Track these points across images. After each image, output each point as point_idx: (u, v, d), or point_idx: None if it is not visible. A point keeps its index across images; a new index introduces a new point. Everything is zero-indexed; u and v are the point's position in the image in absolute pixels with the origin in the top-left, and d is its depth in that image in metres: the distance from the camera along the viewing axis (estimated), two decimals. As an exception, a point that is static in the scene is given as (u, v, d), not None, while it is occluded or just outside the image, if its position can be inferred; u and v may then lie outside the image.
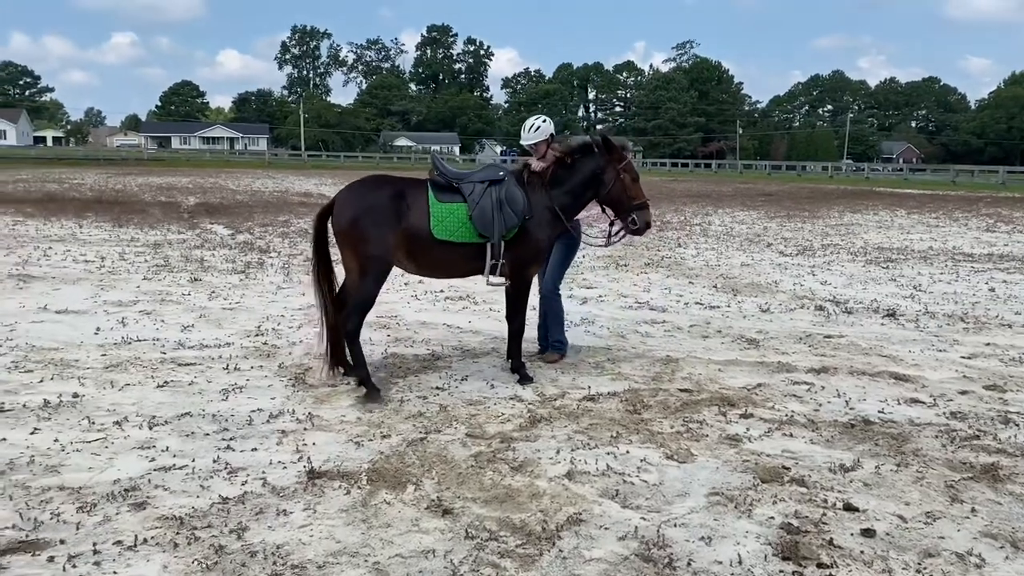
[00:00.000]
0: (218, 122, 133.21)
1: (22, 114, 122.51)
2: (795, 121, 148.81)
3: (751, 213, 25.56)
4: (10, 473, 4.55)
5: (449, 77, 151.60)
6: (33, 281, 10.46)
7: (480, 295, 10.24)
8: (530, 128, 6.91)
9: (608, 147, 6.67)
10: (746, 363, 7.30)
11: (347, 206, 6.09)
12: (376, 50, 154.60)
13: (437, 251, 6.22)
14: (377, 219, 6.01)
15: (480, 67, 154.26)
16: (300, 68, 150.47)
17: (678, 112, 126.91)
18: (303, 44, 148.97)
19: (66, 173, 43.14)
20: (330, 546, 3.83)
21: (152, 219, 19.13)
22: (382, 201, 6.07)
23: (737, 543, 3.95)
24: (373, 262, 6.05)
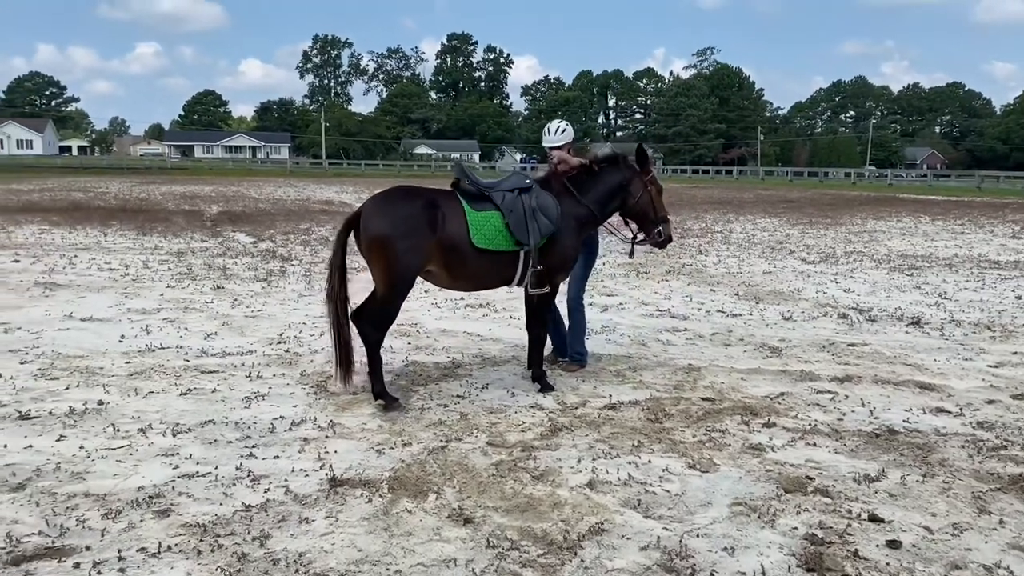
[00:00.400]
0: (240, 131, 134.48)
1: (48, 124, 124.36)
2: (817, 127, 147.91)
3: (773, 220, 25.42)
4: (36, 480, 4.60)
5: (469, 85, 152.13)
6: (59, 289, 10.58)
7: (500, 303, 10.24)
8: (555, 131, 6.88)
9: (641, 159, 6.76)
10: (769, 372, 7.25)
11: (378, 217, 5.87)
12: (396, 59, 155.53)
13: (475, 261, 6.10)
14: (411, 230, 5.83)
15: (500, 75, 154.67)
16: (321, 77, 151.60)
17: (699, 119, 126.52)
18: (324, 53, 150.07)
19: (91, 182, 43.68)
20: (352, 554, 3.84)
21: (176, 227, 19.32)
22: (416, 211, 5.89)
23: (760, 554, 3.91)
24: (403, 274, 5.91)
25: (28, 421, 5.55)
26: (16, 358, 7.11)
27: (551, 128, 6.92)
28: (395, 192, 6.13)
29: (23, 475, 4.65)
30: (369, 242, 5.86)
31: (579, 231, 6.63)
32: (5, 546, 3.83)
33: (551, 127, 6.93)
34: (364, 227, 5.88)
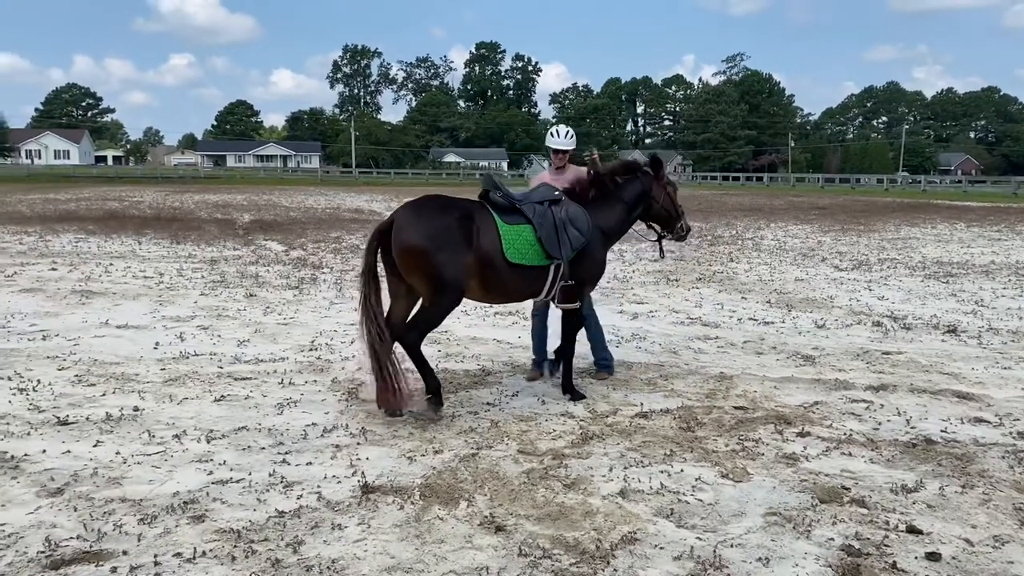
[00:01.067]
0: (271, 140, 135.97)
1: (84, 134, 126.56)
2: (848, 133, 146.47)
3: (804, 227, 25.18)
4: (74, 484, 4.67)
5: (497, 93, 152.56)
6: (95, 297, 10.75)
7: (528, 309, 10.21)
8: (565, 134, 6.87)
9: (656, 167, 6.86)
10: (802, 380, 7.17)
11: (412, 227, 5.73)
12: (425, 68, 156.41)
13: (508, 275, 6.00)
14: (448, 243, 5.71)
15: (528, 83, 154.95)
16: (351, 86, 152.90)
17: (728, 125, 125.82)
18: (354, 63, 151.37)
19: (126, 191, 44.40)
20: (384, 561, 3.85)
21: (208, 236, 19.55)
22: (451, 224, 5.77)
23: (796, 564, 3.86)
24: (448, 287, 5.77)
25: (66, 427, 5.64)
26: (54, 364, 7.24)
27: (560, 131, 6.89)
28: (428, 203, 5.97)
29: (61, 480, 4.72)
30: (403, 252, 5.73)
31: (606, 243, 6.66)
32: (44, 550, 3.89)
33: (560, 130, 6.90)
34: (398, 237, 5.75)
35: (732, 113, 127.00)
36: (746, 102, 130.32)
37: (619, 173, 6.75)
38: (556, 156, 6.92)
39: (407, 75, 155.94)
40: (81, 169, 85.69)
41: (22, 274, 12.65)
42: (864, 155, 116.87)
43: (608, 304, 10.94)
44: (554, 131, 6.91)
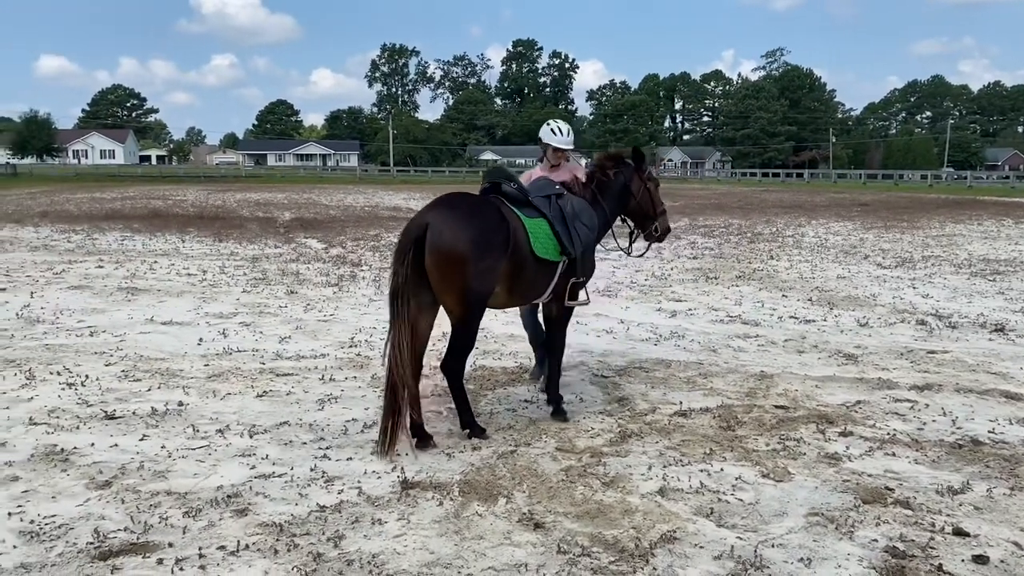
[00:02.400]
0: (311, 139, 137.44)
1: (129, 134, 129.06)
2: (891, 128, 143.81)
3: (846, 224, 24.80)
4: (122, 477, 4.77)
5: (534, 91, 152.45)
6: (140, 294, 10.96)
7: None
8: (567, 132, 6.54)
9: (637, 159, 6.46)
10: (844, 379, 7.07)
11: (452, 232, 5.07)
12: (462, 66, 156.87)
13: (534, 274, 5.61)
14: (491, 248, 5.19)
15: (565, 80, 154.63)
16: (389, 85, 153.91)
17: (768, 121, 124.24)
18: (392, 62, 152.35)
19: (169, 190, 45.18)
20: (424, 557, 3.88)
21: (250, 234, 19.82)
22: (493, 226, 5.27)
23: (838, 566, 3.82)
24: (479, 297, 5.26)
25: (113, 421, 5.77)
26: (101, 360, 7.39)
27: (562, 129, 6.52)
28: (461, 203, 5.36)
29: (109, 473, 4.83)
30: (444, 261, 5.05)
31: (598, 239, 6.31)
32: (93, 541, 3.98)
33: (561, 127, 6.54)
34: (437, 243, 5.05)
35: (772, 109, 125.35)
36: (786, 97, 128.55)
37: (609, 166, 6.38)
38: (556, 155, 6.57)
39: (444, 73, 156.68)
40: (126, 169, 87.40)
41: (70, 271, 12.94)
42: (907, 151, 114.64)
43: (646, 302, 10.89)
44: (556, 128, 6.53)
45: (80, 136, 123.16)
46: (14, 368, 7.06)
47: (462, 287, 5.13)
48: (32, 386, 6.56)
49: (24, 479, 4.74)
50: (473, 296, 5.20)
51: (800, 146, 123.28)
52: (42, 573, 3.68)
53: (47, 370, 7.02)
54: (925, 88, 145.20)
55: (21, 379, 6.73)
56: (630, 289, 11.96)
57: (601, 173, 6.35)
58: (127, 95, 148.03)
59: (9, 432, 5.50)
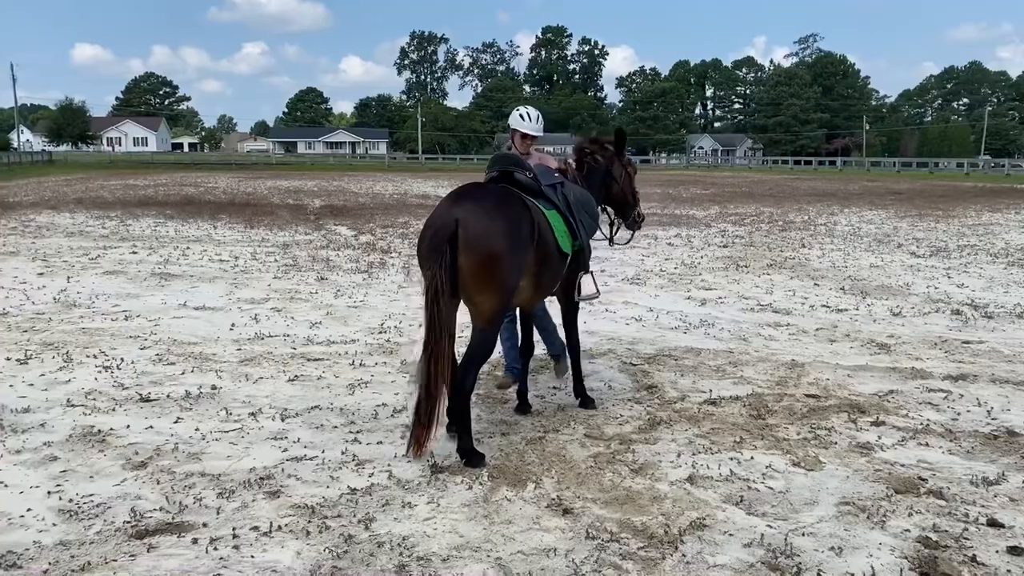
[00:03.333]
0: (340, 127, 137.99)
1: (162, 122, 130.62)
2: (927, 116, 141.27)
3: (879, 212, 24.46)
4: (157, 459, 4.85)
5: (563, 78, 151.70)
6: (173, 279, 11.11)
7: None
8: (536, 119, 6.09)
9: (619, 142, 6.25)
10: (877, 369, 6.99)
11: (491, 228, 4.67)
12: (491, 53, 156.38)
13: (557, 268, 5.33)
14: (523, 241, 4.85)
15: (594, 67, 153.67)
16: (418, 73, 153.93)
17: (800, 108, 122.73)
18: (421, 49, 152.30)
19: (201, 177, 45.64)
20: (453, 540, 3.91)
21: (281, 221, 19.99)
22: (523, 217, 4.91)
23: (870, 555, 3.79)
24: (509, 297, 4.89)
25: (148, 403, 5.86)
26: (136, 344, 7.51)
27: (531, 115, 6.08)
28: (487, 194, 4.96)
29: (145, 454, 4.91)
30: (481, 259, 4.62)
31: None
32: (130, 520, 4.06)
33: (531, 113, 6.09)
34: (472, 241, 4.61)
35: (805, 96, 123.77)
36: (819, 84, 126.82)
37: (595, 151, 6.17)
38: (523, 141, 6.13)
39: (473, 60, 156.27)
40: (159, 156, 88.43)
41: (105, 257, 13.14)
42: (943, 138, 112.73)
43: (676, 290, 10.84)
44: (524, 114, 6.10)
45: (114, 124, 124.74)
46: (52, 351, 7.20)
47: (498, 285, 4.72)
48: (69, 369, 6.68)
49: (62, 459, 4.84)
50: (507, 295, 4.82)
51: (833, 134, 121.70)
52: (81, 550, 3.76)
53: (84, 353, 7.15)
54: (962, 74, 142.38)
55: (59, 361, 6.87)
56: (659, 277, 11.90)
57: (590, 159, 6.17)
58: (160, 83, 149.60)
59: (48, 413, 5.61)
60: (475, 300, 4.76)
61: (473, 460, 4.80)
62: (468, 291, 4.72)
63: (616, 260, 13.59)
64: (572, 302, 5.86)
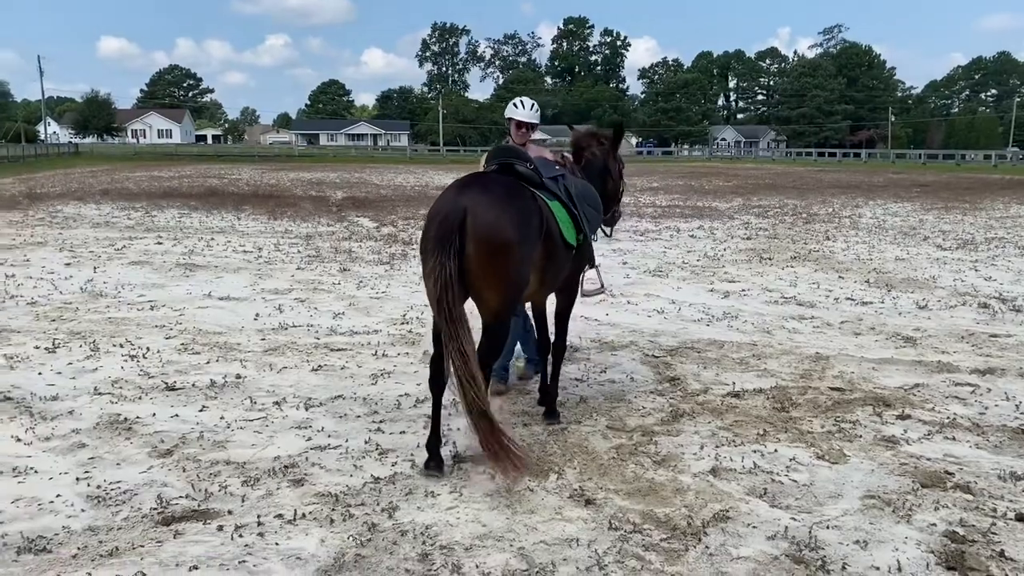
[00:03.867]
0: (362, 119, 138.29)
1: (186, 114, 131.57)
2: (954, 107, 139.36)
3: (905, 205, 24.19)
4: (183, 447, 4.90)
5: (585, 69, 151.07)
6: (198, 270, 11.20)
7: (616, 287, 10.18)
8: (531, 107, 5.96)
9: (618, 136, 6.10)
10: (902, 362, 6.92)
11: (500, 217, 4.45)
12: (513, 44, 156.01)
13: (561, 260, 5.10)
14: (533, 231, 4.66)
15: (616, 58, 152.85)
16: (440, 65, 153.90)
17: (825, 100, 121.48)
18: (443, 41, 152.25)
19: (225, 169, 45.97)
20: (476, 529, 3.92)
21: (304, 212, 20.09)
22: (531, 207, 4.72)
23: (896, 549, 3.76)
24: (522, 288, 4.71)
25: (174, 392, 5.92)
26: (162, 333, 7.59)
27: (525, 103, 5.96)
28: (495, 183, 4.75)
29: (170, 442, 4.97)
30: (490, 250, 4.41)
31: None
32: (156, 507, 4.11)
33: (525, 101, 5.98)
34: (482, 230, 4.40)
35: (829, 87, 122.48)
36: (844, 75, 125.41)
37: (594, 144, 6.02)
38: (518, 131, 5.98)
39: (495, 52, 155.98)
40: (183, 147, 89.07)
41: (130, 247, 13.27)
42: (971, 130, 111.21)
43: (698, 282, 10.79)
44: (518, 102, 5.99)
45: (139, 116, 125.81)
46: (79, 340, 7.28)
47: (508, 277, 4.50)
48: (96, 357, 6.76)
49: (90, 446, 4.90)
50: (516, 288, 4.60)
51: (857, 125, 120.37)
52: (109, 536, 3.81)
53: (110, 342, 7.23)
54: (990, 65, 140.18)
55: (86, 350, 6.95)
56: (681, 269, 11.85)
57: (588, 153, 6.01)
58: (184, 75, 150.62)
59: (76, 401, 5.68)
60: (483, 294, 4.54)
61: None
62: (476, 284, 4.50)
63: (638, 252, 13.55)
64: (571, 299, 5.65)
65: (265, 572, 3.52)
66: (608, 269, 11.69)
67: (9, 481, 4.40)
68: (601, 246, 13.96)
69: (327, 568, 3.55)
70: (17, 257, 12.12)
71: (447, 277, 4.33)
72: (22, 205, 20.84)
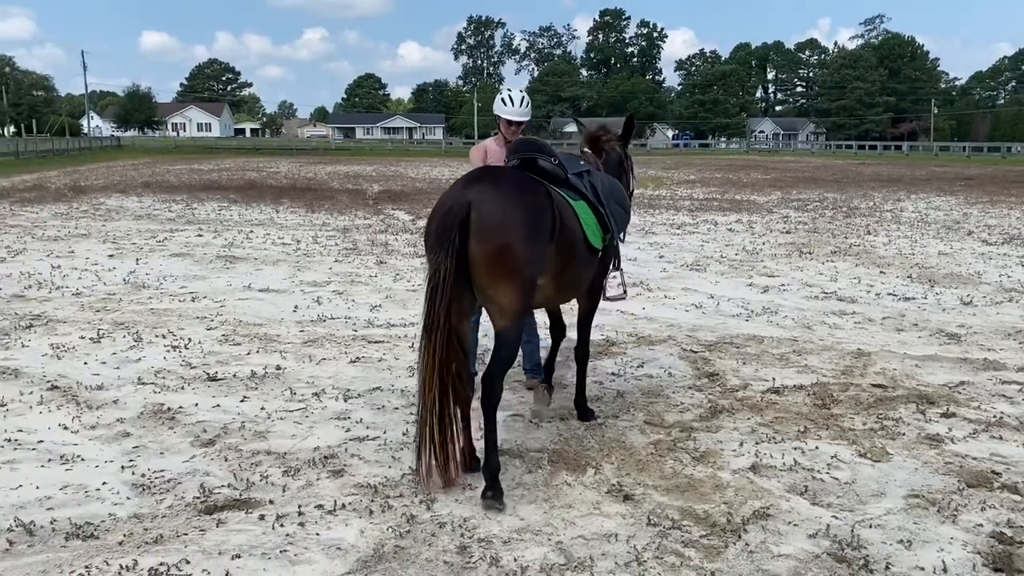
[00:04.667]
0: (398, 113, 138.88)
1: (225, 108, 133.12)
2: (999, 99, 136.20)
3: (948, 198, 23.71)
4: (224, 436, 4.97)
5: (621, 61, 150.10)
6: (238, 262, 11.34)
7: (653, 281, 10.13)
8: (521, 102, 5.52)
9: (629, 129, 5.83)
10: (947, 359, 6.80)
11: (508, 214, 4.13)
12: (548, 37, 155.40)
13: (582, 263, 4.77)
14: (541, 231, 4.28)
15: (653, 50, 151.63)
16: (475, 58, 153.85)
17: (866, 91, 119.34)
18: (478, 34, 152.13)
19: (263, 162, 46.46)
20: (514, 522, 3.93)
21: (341, 205, 20.24)
22: (544, 204, 4.35)
23: (941, 549, 3.69)
24: (526, 292, 4.28)
25: (215, 383, 6.01)
26: (203, 325, 7.70)
27: (515, 98, 5.51)
28: (506, 176, 4.45)
29: (212, 432, 5.04)
30: (496, 248, 4.08)
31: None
32: (199, 495, 4.17)
33: (515, 96, 5.52)
34: (487, 226, 4.09)
35: (870, 79, 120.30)
36: (885, 67, 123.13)
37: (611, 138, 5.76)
38: (509, 128, 5.55)
39: (530, 45, 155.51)
40: (222, 141, 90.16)
41: (172, 239, 13.48)
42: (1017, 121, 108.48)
43: (737, 277, 10.68)
44: (507, 98, 5.53)
45: (179, 109, 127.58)
46: (123, 330, 7.42)
47: (513, 278, 4.14)
48: (140, 348, 6.88)
49: (135, 435, 4.99)
50: (525, 290, 4.23)
51: (899, 117, 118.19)
52: (153, 524, 3.88)
53: (153, 333, 7.35)
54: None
55: (130, 341, 7.07)
56: (719, 263, 11.74)
57: (607, 146, 5.72)
58: (222, 69, 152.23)
59: (120, 391, 5.79)
60: (489, 295, 4.23)
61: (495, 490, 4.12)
62: (481, 284, 4.20)
63: (675, 246, 13.45)
64: (593, 304, 5.30)
65: (306, 562, 3.56)
66: (645, 263, 11.64)
67: (57, 468, 4.50)
68: (637, 239, 13.95)
69: (367, 559, 3.58)
70: (63, 249, 12.38)
71: (441, 277, 4.08)
72: (67, 197, 21.26)
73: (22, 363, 6.40)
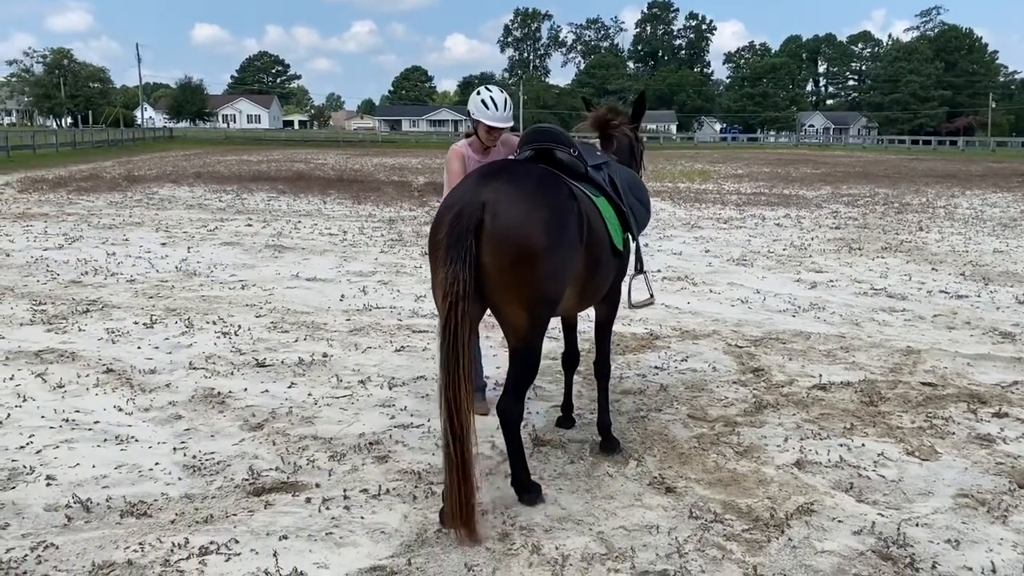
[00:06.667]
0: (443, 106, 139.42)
1: (274, 100, 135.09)
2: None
3: (1005, 195, 23.09)
4: (272, 421, 5.08)
5: (668, 54, 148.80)
6: (286, 251, 11.53)
7: (698, 275, 10.06)
8: (504, 105, 4.96)
9: (640, 109, 5.23)
10: (1000, 358, 6.65)
11: (527, 215, 3.65)
12: (595, 29, 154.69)
13: (606, 269, 4.31)
14: (569, 233, 3.80)
15: (701, 42, 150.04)
16: (521, 50, 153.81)
17: (920, 85, 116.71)
18: (525, 26, 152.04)
19: (311, 154, 47.03)
20: (555, 512, 3.95)
21: (387, 197, 20.41)
22: (568, 206, 3.85)
23: (990, 550, 3.63)
24: (555, 302, 3.89)
25: (264, 368, 6.13)
26: (252, 312, 7.85)
27: (497, 101, 4.93)
28: (525, 174, 3.91)
29: (261, 416, 5.15)
30: (513, 256, 3.62)
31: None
32: (248, 478, 4.27)
33: (496, 98, 4.94)
34: (502, 231, 3.61)
35: (925, 72, 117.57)
36: (941, 60, 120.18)
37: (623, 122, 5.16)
38: (489, 134, 5.04)
39: (576, 37, 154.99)
40: (270, 133, 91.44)
41: (222, 229, 13.74)
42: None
43: (784, 272, 10.56)
44: (489, 99, 4.93)
45: (229, 101, 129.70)
46: (175, 316, 7.60)
47: (534, 292, 3.70)
48: (191, 334, 7.05)
49: (186, 418, 5.12)
50: (547, 304, 3.81)
51: (955, 112, 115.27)
52: (204, 504, 3.98)
53: (204, 319, 7.52)
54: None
55: (181, 327, 7.25)
56: (766, 259, 11.60)
57: (618, 132, 5.13)
58: (272, 62, 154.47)
59: (172, 375, 5.94)
60: (505, 311, 3.80)
61: (532, 492, 4.00)
62: (495, 298, 3.75)
63: (721, 240, 13.33)
64: (613, 310, 4.73)
65: (351, 544, 3.63)
66: (690, 257, 11.56)
67: (112, 448, 4.64)
68: (683, 233, 13.85)
69: (410, 543, 3.64)
70: (118, 237, 12.70)
71: (459, 293, 3.54)
72: (122, 187, 21.78)
73: (79, 346, 6.60)
